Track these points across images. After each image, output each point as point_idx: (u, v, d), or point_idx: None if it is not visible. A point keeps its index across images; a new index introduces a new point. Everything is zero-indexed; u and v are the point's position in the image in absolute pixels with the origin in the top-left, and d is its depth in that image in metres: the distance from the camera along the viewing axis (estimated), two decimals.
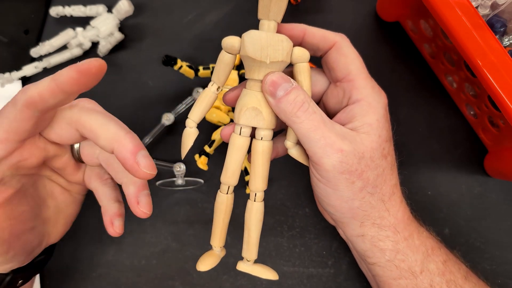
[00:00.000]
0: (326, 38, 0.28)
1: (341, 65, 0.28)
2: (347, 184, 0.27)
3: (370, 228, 0.29)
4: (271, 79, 0.25)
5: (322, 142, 0.25)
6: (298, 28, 0.28)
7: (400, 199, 0.30)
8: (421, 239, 0.30)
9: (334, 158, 0.26)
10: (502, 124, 0.36)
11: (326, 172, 0.26)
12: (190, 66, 0.40)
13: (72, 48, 0.42)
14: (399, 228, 0.29)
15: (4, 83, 0.40)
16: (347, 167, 0.26)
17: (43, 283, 0.38)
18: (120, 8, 0.42)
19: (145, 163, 0.24)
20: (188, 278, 0.38)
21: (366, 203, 0.28)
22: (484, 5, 0.35)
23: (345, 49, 0.28)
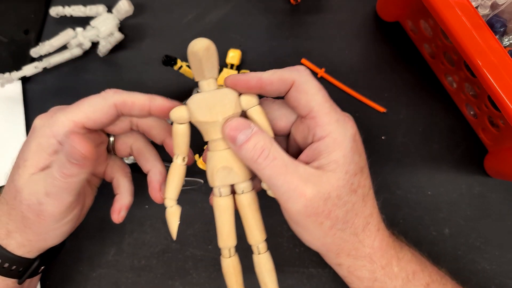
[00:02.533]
0: (283, 80, 0.26)
1: (302, 103, 0.26)
2: (316, 225, 0.27)
3: (346, 259, 0.29)
4: (230, 126, 0.25)
5: (285, 187, 0.25)
6: (253, 79, 0.26)
7: (377, 227, 0.29)
8: (400, 265, 0.29)
9: (298, 203, 0.25)
10: (502, 124, 0.36)
11: (293, 216, 0.26)
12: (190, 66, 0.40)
13: (72, 48, 0.42)
14: (376, 257, 0.29)
15: (4, 83, 0.40)
16: (312, 210, 0.26)
17: (43, 283, 0.38)
18: (120, 8, 0.42)
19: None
20: (188, 278, 0.38)
21: (338, 239, 0.28)
22: (484, 5, 0.35)
23: (304, 86, 0.26)
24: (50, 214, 0.28)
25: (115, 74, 0.44)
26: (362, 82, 0.43)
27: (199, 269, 0.38)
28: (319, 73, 0.43)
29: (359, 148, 0.27)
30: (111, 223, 0.39)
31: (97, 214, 0.39)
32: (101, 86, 0.43)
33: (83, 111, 0.27)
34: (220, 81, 0.40)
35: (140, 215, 0.39)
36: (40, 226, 0.28)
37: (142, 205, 0.40)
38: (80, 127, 0.27)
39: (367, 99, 0.42)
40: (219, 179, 0.27)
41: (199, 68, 0.26)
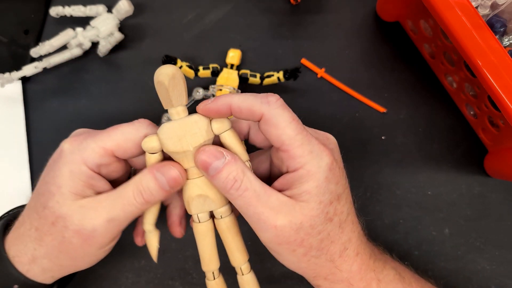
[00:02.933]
0: (252, 112, 0.26)
1: (273, 136, 0.26)
2: (288, 252, 0.27)
3: (323, 282, 0.29)
4: (201, 157, 0.25)
5: (256, 218, 0.25)
6: (223, 106, 0.26)
7: (355, 252, 0.29)
8: (381, 286, 0.29)
9: (269, 233, 0.26)
10: (502, 124, 0.36)
11: (265, 243, 0.27)
12: (190, 66, 0.40)
13: (72, 48, 0.42)
14: (354, 281, 0.28)
15: (4, 83, 0.40)
16: (283, 239, 0.26)
17: None
18: (120, 8, 0.42)
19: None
20: (188, 278, 0.38)
21: (313, 264, 0.28)
22: (484, 5, 0.35)
23: (273, 120, 0.25)
24: (100, 241, 0.28)
25: (115, 74, 0.44)
26: (362, 82, 0.43)
27: (199, 269, 0.38)
28: (319, 73, 0.43)
29: (336, 176, 0.27)
30: None
31: None
32: (101, 86, 0.43)
33: (114, 139, 0.27)
34: (220, 81, 0.40)
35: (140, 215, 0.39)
36: (82, 252, 0.28)
37: None
38: (110, 155, 0.27)
39: (367, 99, 0.42)
40: (195, 207, 0.27)
41: (166, 97, 0.25)
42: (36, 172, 0.40)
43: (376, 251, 0.31)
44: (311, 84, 0.43)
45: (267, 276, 0.38)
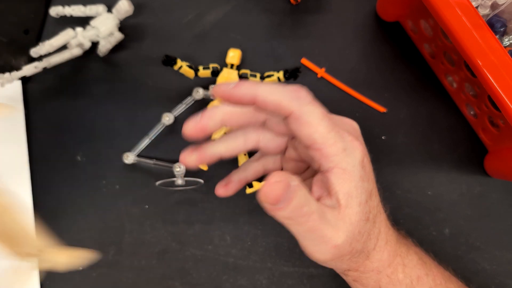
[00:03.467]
0: (280, 108, 0.24)
1: (304, 135, 0.24)
2: (337, 262, 0.27)
3: (353, 273, 0.29)
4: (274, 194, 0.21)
5: (318, 241, 0.25)
6: (247, 95, 0.24)
7: (385, 241, 0.29)
8: (406, 271, 0.29)
9: (328, 253, 0.25)
10: (502, 124, 0.36)
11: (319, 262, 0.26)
12: (190, 66, 0.40)
13: (72, 48, 0.42)
14: (382, 268, 0.29)
15: (4, 83, 0.40)
16: (339, 255, 0.26)
17: (42, 283, 0.38)
18: (120, 8, 0.42)
19: None
20: (188, 278, 0.38)
21: (352, 263, 0.28)
22: (484, 5, 0.35)
23: (305, 117, 0.24)
24: None
25: (115, 74, 0.44)
26: (362, 82, 0.43)
27: (199, 269, 0.38)
28: (319, 73, 0.43)
29: (367, 173, 0.26)
30: (111, 223, 0.39)
31: (98, 215, 0.40)
32: (101, 86, 0.43)
33: None
34: (220, 80, 0.40)
35: (140, 215, 0.39)
36: None
37: (142, 205, 0.40)
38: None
39: (367, 99, 0.42)
40: None
41: None
42: (36, 172, 0.40)
43: (400, 236, 0.31)
44: (311, 84, 0.43)
45: (268, 276, 0.38)
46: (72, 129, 0.42)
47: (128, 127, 0.42)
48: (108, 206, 0.40)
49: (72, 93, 0.43)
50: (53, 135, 0.42)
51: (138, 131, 0.41)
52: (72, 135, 0.41)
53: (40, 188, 0.40)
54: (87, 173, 0.41)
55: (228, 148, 0.29)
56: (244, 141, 0.29)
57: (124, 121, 0.42)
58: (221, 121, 0.27)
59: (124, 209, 0.40)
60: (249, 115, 0.28)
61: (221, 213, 0.39)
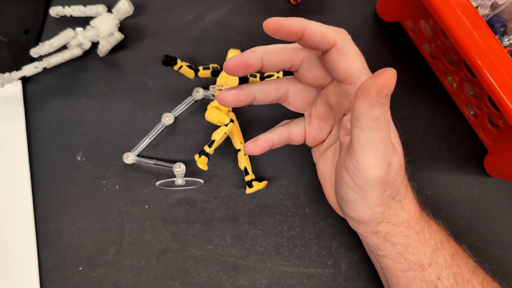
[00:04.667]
0: (326, 38, 0.26)
1: (342, 67, 0.26)
2: (380, 193, 0.27)
3: (385, 226, 0.29)
4: (392, 85, 0.23)
5: (381, 154, 0.25)
6: (297, 25, 0.26)
7: (412, 195, 0.30)
8: (431, 232, 0.30)
9: (382, 170, 0.26)
10: (502, 124, 0.36)
11: (366, 181, 0.26)
12: (190, 66, 0.40)
13: (72, 48, 0.42)
14: (411, 223, 0.30)
15: (4, 83, 0.40)
16: (387, 178, 0.26)
17: (42, 283, 0.38)
18: (120, 8, 0.42)
19: None
20: (188, 278, 0.38)
21: (387, 206, 0.28)
22: (484, 5, 0.35)
23: (346, 50, 0.26)
24: None
25: (115, 74, 0.44)
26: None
27: (199, 269, 0.38)
28: None
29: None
30: (111, 223, 0.39)
31: (98, 215, 0.40)
32: (101, 86, 0.43)
33: None
34: (220, 81, 0.40)
35: (140, 215, 0.39)
36: None
37: (142, 205, 0.40)
38: None
39: None
40: None
41: None
42: (36, 172, 0.40)
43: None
44: None
45: (268, 276, 0.38)
46: (72, 129, 0.42)
47: (128, 127, 0.42)
48: (108, 206, 0.40)
49: (72, 93, 0.43)
50: (53, 135, 0.42)
51: (138, 131, 0.41)
52: (72, 135, 0.41)
53: (40, 188, 0.40)
54: (87, 173, 0.41)
55: (262, 90, 0.30)
56: (276, 87, 0.31)
57: (124, 121, 0.42)
58: (262, 57, 0.28)
59: (124, 209, 0.40)
60: (287, 55, 0.29)
61: (221, 213, 0.39)
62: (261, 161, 0.41)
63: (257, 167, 0.41)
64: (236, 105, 0.31)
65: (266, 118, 0.42)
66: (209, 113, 0.38)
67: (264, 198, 0.40)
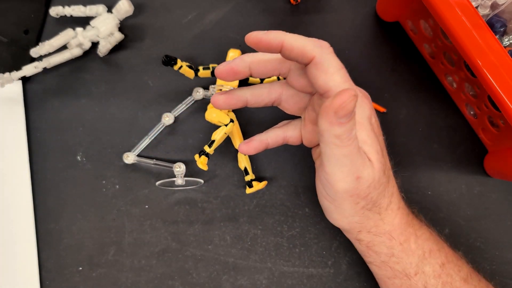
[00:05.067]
0: (304, 52, 0.26)
1: (320, 81, 0.26)
2: (352, 205, 0.28)
3: (366, 235, 0.30)
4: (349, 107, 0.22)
5: (347, 168, 0.26)
6: (275, 40, 0.26)
7: (397, 206, 0.30)
8: (418, 242, 0.30)
9: (349, 183, 0.26)
10: (502, 124, 0.36)
11: (335, 193, 0.27)
12: (190, 66, 0.40)
13: (72, 48, 0.42)
14: (395, 234, 0.30)
15: (4, 83, 0.40)
16: (356, 191, 0.27)
17: (42, 283, 0.38)
18: (120, 8, 0.42)
19: None
20: (188, 278, 0.38)
21: (364, 217, 0.29)
22: (484, 5, 0.35)
23: (324, 64, 0.26)
24: None
25: (115, 74, 0.44)
26: (362, 82, 0.43)
27: (199, 269, 0.38)
28: None
29: (375, 130, 0.28)
30: (111, 223, 0.39)
31: (98, 214, 0.40)
32: (101, 86, 0.43)
33: None
34: (220, 80, 0.40)
35: (140, 215, 0.39)
36: None
37: (142, 205, 0.40)
38: None
39: None
40: None
41: None
42: (36, 172, 0.40)
43: (411, 211, 0.32)
44: None
45: (268, 276, 0.38)
46: (72, 129, 0.42)
47: (128, 127, 0.42)
48: (108, 206, 0.40)
49: (72, 93, 0.43)
50: (53, 135, 0.42)
51: (138, 131, 0.41)
52: (72, 135, 0.41)
53: (40, 188, 0.40)
54: (87, 173, 0.41)
55: (254, 94, 0.31)
56: (269, 91, 0.32)
57: (124, 121, 0.42)
58: (249, 65, 0.28)
59: (124, 209, 0.40)
60: (274, 64, 0.29)
61: (221, 213, 0.39)
62: (261, 161, 0.41)
63: (257, 167, 0.41)
64: (228, 108, 0.32)
65: (266, 118, 0.42)
66: (209, 113, 0.38)
67: (264, 198, 0.40)
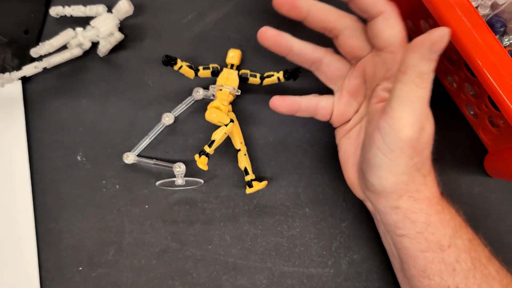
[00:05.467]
0: (376, 4, 0.28)
1: (386, 35, 0.28)
2: (407, 159, 0.27)
3: (406, 201, 0.29)
4: (445, 41, 0.24)
5: (417, 114, 0.26)
6: None
7: (434, 175, 0.31)
8: (452, 213, 0.30)
9: (415, 131, 0.26)
10: (502, 124, 0.36)
11: (398, 141, 0.27)
12: (190, 66, 0.40)
13: (72, 48, 0.42)
14: (433, 202, 0.30)
15: (4, 83, 0.40)
16: (417, 143, 0.27)
17: (42, 283, 0.38)
18: (120, 8, 0.42)
19: None
20: (188, 278, 0.38)
21: (412, 177, 0.28)
22: (484, 5, 0.35)
23: (392, 21, 0.28)
24: None
25: (115, 74, 0.44)
26: None
27: (199, 269, 0.38)
28: None
29: None
30: (111, 223, 0.39)
31: (98, 214, 0.40)
32: (101, 86, 0.43)
33: None
34: (220, 81, 0.40)
35: (140, 215, 0.39)
36: None
37: (142, 205, 0.40)
38: None
39: None
40: None
41: None
42: (36, 172, 0.40)
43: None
44: (311, 84, 0.43)
45: (268, 276, 0.38)
46: (72, 129, 0.42)
47: (128, 127, 0.42)
48: (108, 206, 0.40)
49: (72, 93, 0.43)
50: (53, 135, 0.42)
51: (138, 131, 0.41)
52: (72, 135, 0.41)
53: (40, 188, 0.40)
54: (87, 173, 0.41)
55: (300, 44, 0.33)
56: (314, 49, 0.33)
57: (124, 121, 0.42)
58: (310, 7, 0.30)
59: (124, 209, 0.40)
60: (334, 16, 0.31)
61: (221, 213, 0.39)
62: (261, 161, 0.41)
63: (257, 167, 0.41)
64: (273, 44, 0.33)
65: (266, 118, 0.42)
66: (209, 113, 0.38)
67: (264, 198, 0.40)
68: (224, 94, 0.39)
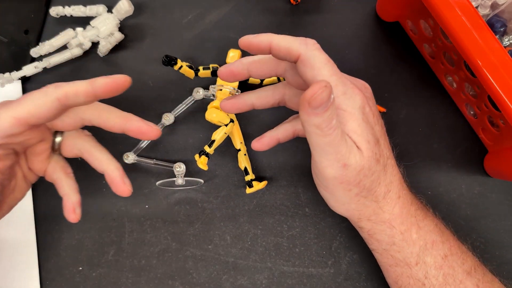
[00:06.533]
0: (290, 51, 0.27)
1: (308, 77, 0.27)
2: (344, 192, 0.28)
3: (367, 223, 0.31)
4: (320, 98, 0.23)
5: (333, 156, 0.26)
6: (264, 42, 0.28)
7: (397, 195, 0.30)
8: (420, 233, 0.30)
9: (337, 170, 0.27)
10: (502, 124, 0.36)
11: (326, 180, 0.28)
12: (190, 66, 0.40)
13: (72, 48, 0.42)
14: (395, 223, 0.30)
15: (4, 83, 0.40)
16: (346, 178, 0.27)
17: (42, 283, 0.38)
18: (120, 8, 0.42)
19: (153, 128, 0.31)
20: (188, 278, 0.38)
21: (361, 205, 0.29)
22: (484, 5, 0.35)
23: (310, 60, 0.27)
24: None
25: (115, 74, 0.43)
26: None
27: (199, 269, 0.38)
28: None
29: (370, 120, 0.28)
30: (110, 223, 0.39)
31: (98, 214, 0.40)
32: None
33: (25, 107, 0.26)
34: (220, 81, 0.40)
35: (140, 215, 0.39)
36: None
37: (142, 205, 0.40)
38: (24, 124, 0.27)
39: None
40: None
41: None
42: None
43: (417, 201, 0.32)
44: None
45: (268, 276, 0.38)
46: None
47: None
48: (108, 206, 0.40)
49: None
50: None
51: None
52: None
53: (40, 188, 0.40)
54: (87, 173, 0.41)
55: (259, 97, 0.33)
56: (273, 93, 0.33)
57: None
58: (248, 67, 0.30)
59: (124, 209, 0.40)
60: (271, 66, 0.31)
61: (221, 213, 0.39)
62: (261, 161, 0.41)
63: (257, 167, 0.41)
64: (236, 112, 0.34)
65: (266, 118, 0.42)
66: (209, 113, 0.38)
67: (264, 198, 0.40)
68: (224, 94, 0.39)
